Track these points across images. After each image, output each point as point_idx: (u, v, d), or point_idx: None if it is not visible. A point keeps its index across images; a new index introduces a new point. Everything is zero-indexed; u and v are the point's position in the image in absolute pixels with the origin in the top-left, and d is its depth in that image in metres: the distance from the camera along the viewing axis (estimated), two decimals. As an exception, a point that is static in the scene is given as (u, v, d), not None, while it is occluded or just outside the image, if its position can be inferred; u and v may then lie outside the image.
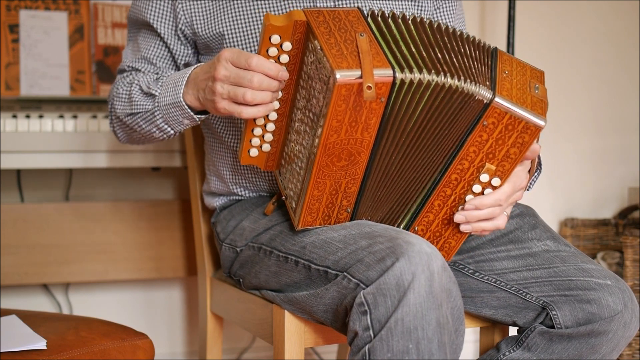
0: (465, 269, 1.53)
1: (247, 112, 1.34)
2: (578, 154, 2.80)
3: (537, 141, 1.38)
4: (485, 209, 1.38)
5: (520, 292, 1.49)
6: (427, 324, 1.23)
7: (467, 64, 1.32)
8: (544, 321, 1.47)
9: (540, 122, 1.31)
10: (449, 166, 1.36)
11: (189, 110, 1.45)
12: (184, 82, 1.44)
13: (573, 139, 2.78)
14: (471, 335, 2.52)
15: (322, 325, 1.48)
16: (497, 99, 1.30)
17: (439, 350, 1.23)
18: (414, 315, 1.22)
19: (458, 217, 1.38)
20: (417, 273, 1.23)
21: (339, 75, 1.23)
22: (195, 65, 1.45)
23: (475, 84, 1.30)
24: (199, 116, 1.47)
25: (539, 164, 1.50)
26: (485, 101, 1.30)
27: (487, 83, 1.31)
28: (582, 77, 2.79)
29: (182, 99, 1.44)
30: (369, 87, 1.22)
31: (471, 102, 1.30)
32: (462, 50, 1.35)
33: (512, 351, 1.49)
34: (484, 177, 1.36)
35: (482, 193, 1.38)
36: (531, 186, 1.50)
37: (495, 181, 1.37)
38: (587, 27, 2.78)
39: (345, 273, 1.32)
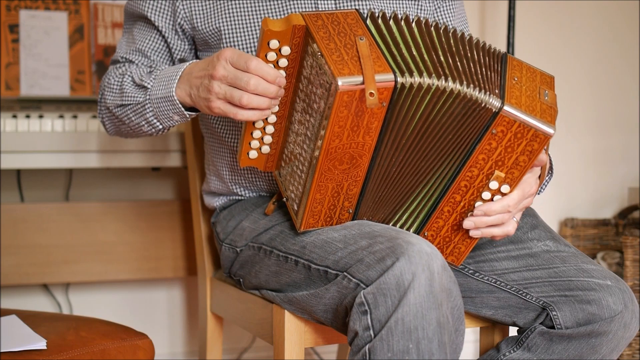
0: (465, 269, 1.53)
1: (242, 115, 1.33)
2: (578, 153, 2.80)
3: (547, 147, 1.38)
4: (494, 215, 1.38)
5: (521, 292, 1.48)
6: (427, 323, 1.22)
7: (472, 70, 1.32)
8: (544, 321, 1.47)
9: (549, 130, 1.30)
10: (458, 173, 1.36)
11: (180, 106, 1.45)
12: (178, 77, 1.44)
13: (573, 139, 2.78)
14: (471, 335, 2.52)
15: (322, 325, 1.48)
16: (505, 108, 1.29)
17: (439, 350, 1.23)
18: (414, 315, 1.22)
19: (467, 223, 1.38)
20: (418, 273, 1.23)
21: (340, 82, 1.22)
22: (190, 62, 1.45)
23: (483, 92, 1.29)
24: (189, 113, 1.47)
25: (551, 168, 1.50)
26: (493, 110, 1.30)
27: (497, 91, 1.31)
28: (582, 77, 2.79)
29: (174, 94, 1.44)
30: (372, 94, 1.21)
31: (478, 109, 1.30)
32: (469, 54, 1.34)
33: (512, 351, 1.49)
34: (493, 185, 1.36)
35: (491, 200, 1.38)
36: (542, 191, 1.50)
37: (505, 188, 1.36)
38: (587, 27, 2.78)
39: (345, 273, 1.32)
